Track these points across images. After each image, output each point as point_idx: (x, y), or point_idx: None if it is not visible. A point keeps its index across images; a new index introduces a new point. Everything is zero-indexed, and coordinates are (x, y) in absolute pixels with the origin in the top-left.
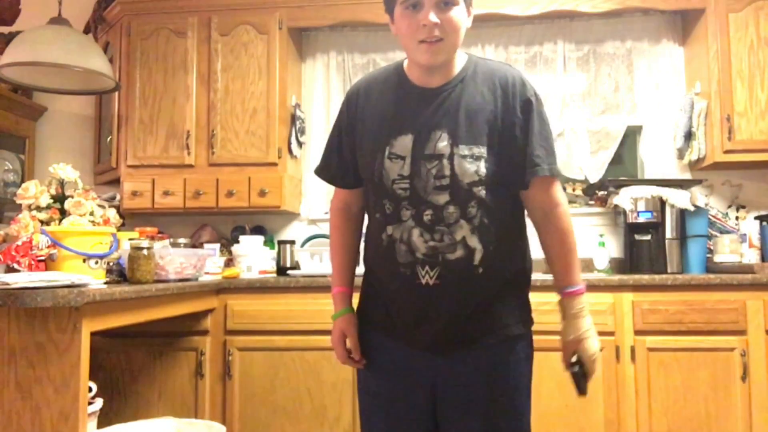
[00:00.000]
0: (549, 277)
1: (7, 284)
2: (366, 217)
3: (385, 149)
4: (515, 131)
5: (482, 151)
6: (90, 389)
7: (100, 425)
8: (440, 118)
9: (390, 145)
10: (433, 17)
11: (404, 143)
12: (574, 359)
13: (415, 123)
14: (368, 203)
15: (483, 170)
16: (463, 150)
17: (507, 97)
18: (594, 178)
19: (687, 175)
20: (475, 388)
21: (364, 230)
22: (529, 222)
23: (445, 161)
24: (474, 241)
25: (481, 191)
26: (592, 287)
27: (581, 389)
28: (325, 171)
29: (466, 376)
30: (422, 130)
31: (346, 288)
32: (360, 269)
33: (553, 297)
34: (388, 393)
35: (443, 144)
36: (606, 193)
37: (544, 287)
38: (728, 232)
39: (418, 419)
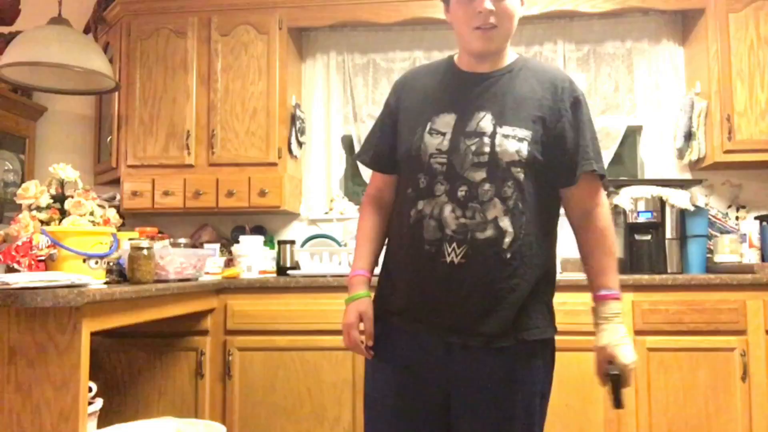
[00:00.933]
0: None
1: (7, 284)
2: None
3: (427, 125)
4: (564, 125)
5: (527, 134)
6: (90, 389)
7: (100, 425)
8: (485, 100)
9: (431, 121)
10: (488, 4)
11: (446, 120)
12: (611, 368)
13: (459, 103)
14: (400, 182)
15: (525, 152)
16: (507, 130)
17: (557, 91)
18: None
19: (687, 175)
20: (490, 390)
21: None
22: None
23: (486, 139)
24: (505, 223)
25: (520, 173)
26: None
27: (618, 401)
28: (364, 155)
29: (483, 378)
30: (466, 110)
31: (368, 273)
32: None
33: (556, 298)
34: (399, 391)
35: (486, 123)
36: (606, 193)
37: None
38: (728, 232)
39: (427, 418)
